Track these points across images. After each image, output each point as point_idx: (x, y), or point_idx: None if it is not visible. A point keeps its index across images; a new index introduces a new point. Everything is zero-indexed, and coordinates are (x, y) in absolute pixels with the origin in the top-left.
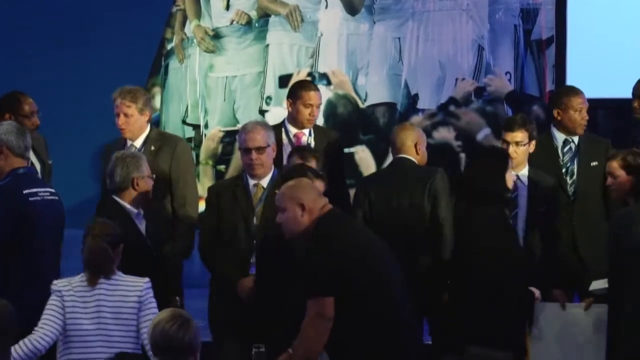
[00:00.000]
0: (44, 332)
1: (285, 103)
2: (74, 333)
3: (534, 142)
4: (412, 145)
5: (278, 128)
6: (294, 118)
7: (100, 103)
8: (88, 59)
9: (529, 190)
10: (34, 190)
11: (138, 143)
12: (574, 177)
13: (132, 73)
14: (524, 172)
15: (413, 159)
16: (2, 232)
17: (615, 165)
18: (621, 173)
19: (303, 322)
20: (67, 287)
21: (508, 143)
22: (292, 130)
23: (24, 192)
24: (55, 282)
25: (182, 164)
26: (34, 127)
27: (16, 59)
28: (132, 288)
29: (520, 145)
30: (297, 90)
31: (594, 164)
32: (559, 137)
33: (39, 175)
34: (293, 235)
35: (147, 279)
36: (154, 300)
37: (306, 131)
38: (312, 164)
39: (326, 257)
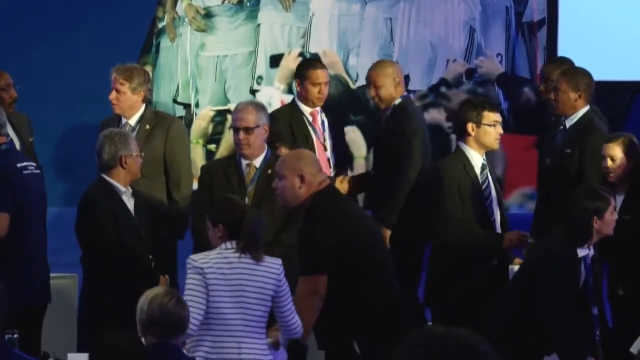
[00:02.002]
0: (191, 315)
1: (276, 83)
2: (214, 312)
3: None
4: None
5: (290, 108)
6: (304, 97)
7: (92, 81)
8: (79, 38)
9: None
10: (24, 164)
11: (132, 121)
12: None
13: (123, 51)
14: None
15: None
16: (4, 204)
17: (617, 148)
18: (622, 157)
19: (295, 299)
20: (208, 264)
21: (494, 125)
22: (306, 109)
23: (17, 165)
24: (193, 257)
25: (177, 144)
26: (12, 100)
27: (6, 39)
28: (272, 268)
29: (498, 126)
30: (304, 70)
31: None
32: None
33: None
34: (287, 204)
35: (280, 261)
36: (286, 283)
37: (318, 108)
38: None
39: (320, 235)
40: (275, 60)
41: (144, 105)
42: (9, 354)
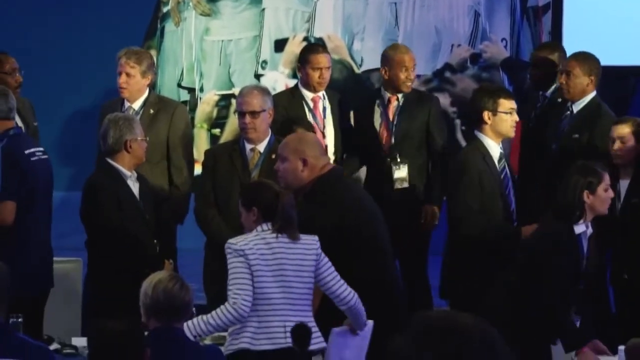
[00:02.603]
0: (242, 297)
1: (280, 67)
2: (258, 292)
3: None
4: None
5: (292, 93)
6: (305, 82)
7: (97, 66)
8: (84, 22)
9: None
10: (32, 150)
11: (136, 105)
12: None
13: (128, 35)
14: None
15: None
16: (11, 191)
17: (626, 129)
18: (631, 138)
19: None
20: (249, 246)
21: (511, 112)
22: (308, 94)
23: (25, 152)
24: (231, 241)
25: (180, 129)
26: (17, 85)
27: (11, 22)
28: (309, 245)
29: (514, 114)
30: (305, 54)
31: None
32: None
33: None
34: (289, 186)
35: (317, 237)
36: (326, 256)
37: (321, 94)
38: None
39: (321, 220)
40: (279, 45)
41: (147, 90)
42: (13, 338)
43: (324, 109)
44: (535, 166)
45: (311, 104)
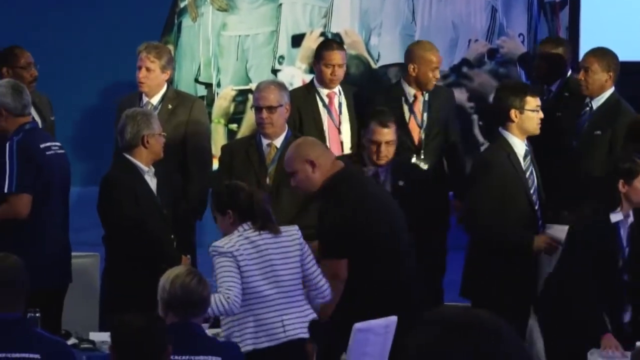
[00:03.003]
0: (235, 294)
1: (297, 62)
2: (251, 291)
3: None
4: None
5: (307, 89)
6: (320, 78)
7: (114, 60)
8: (101, 16)
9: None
10: (48, 144)
11: (155, 100)
12: None
13: (145, 30)
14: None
15: None
16: (26, 185)
17: None
18: None
19: None
20: (235, 247)
21: (537, 110)
22: (324, 91)
23: (41, 146)
24: (216, 244)
25: (198, 124)
26: (32, 79)
27: (26, 17)
28: (292, 236)
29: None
30: (319, 50)
31: None
32: None
33: None
34: (310, 193)
35: (297, 227)
36: (307, 246)
37: (336, 90)
38: (393, 128)
39: (340, 218)
40: (296, 40)
41: (165, 85)
42: (31, 333)
43: (340, 104)
44: (549, 161)
45: (326, 100)
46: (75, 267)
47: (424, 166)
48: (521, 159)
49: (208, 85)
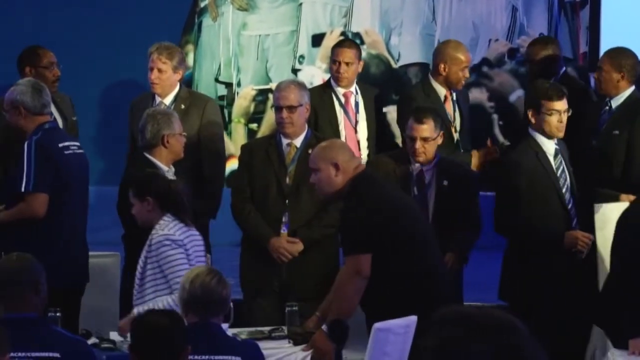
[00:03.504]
0: None
1: (317, 62)
2: None
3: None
4: None
5: (323, 89)
6: (333, 77)
7: (134, 60)
8: (121, 16)
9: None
10: (66, 143)
11: (167, 101)
12: None
13: (166, 30)
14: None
15: None
16: (43, 184)
17: None
18: None
19: (338, 279)
20: (183, 236)
21: (558, 112)
22: (340, 90)
23: (59, 145)
24: (167, 233)
25: (211, 124)
26: (55, 79)
27: (47, 16)
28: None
29: (564, 114)
30: (332, 48)
31: None
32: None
33: None
34: (327, 195)
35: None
36: None
37: (354, 90)
38: (431, 124)
39: (362, 215)
40: (317, 40)
41: (178, 85)
42: (50, 332)
43: (357, 104)
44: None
45: (342, 99)
46: (95, 266)
47: None
48: (551, 158)
49: (228, 85)
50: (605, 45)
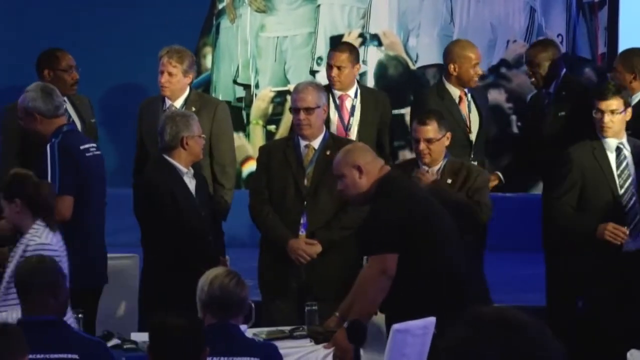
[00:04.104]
0: None
1: None
2: None
3: (629, 110)
4: None
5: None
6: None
7: (152, 62)
8: (139, 18)
9: (633, 156)
10: (87, 145)
11: (178, 104)
12: None
13: (184, 32)
14: (624, 139)
15: None
16: (68, 186)
17: None
18: None
19: (362, 279)
20: (57, 246)
21: (602, 112)
22: (336, 92)
23: (81, 147)
24: (42, 242)
25: (222, 126)
26: (73, 82)
27: (66, 17)
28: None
29: (615, 114)
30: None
31: None
32: None
33: None
34: (354, 200)
35: None
36: None
37: (351, 93)
38: (434, 125)
39: (390, 215)
40: (335, 41)
41: (188, 88)
42: (69, 333)
43: (353, 107)
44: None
45: (338, 102)
46: (114, 268)
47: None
48: (611, 156)
49: (246, 87)
50: (623, 46)
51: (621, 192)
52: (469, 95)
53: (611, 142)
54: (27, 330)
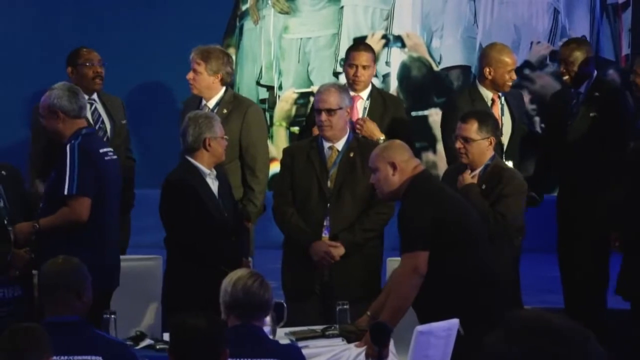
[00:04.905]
0: None
1: None
2: None
3: None
4: None
5: None
6: (347, 80)
7: (175, 64)
8: (163, 19)
9: None
10: (105, 150)
11: (211, 104)
12: None
13: (207, 33)
14: None
15: None
16: (86, 188)
17: None
18: None
19: (394, 277)
20: None
21: None
22: (351, 93)
23: (100, 151)
24: None
25: (253, 129)
26: (95, 75)
27: (91, 18)
28: None
29: None
30: (347, 51)
31: None
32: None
33: (109, 134)
34: (385, 195)
35: None
36: None
37: (364, 94)
38: (474, 125)
39: (421, 212)
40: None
41: (223, 89)
42: (92, 335)
43: (364, 109)
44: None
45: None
46: (137, 269)
47: None
48: None
49: (270, 88)
50: None
51: None
52: (503, 98)
53: None
54: (51, 331)
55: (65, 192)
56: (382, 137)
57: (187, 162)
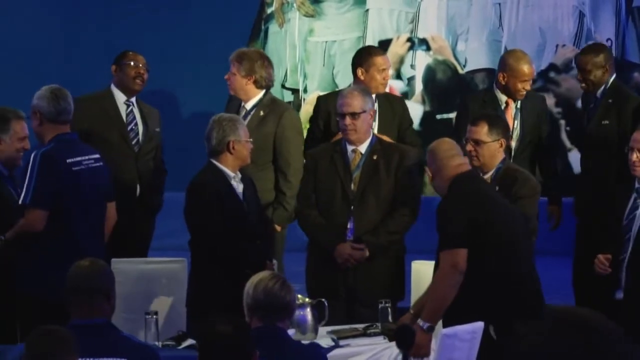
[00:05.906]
0: None
1: None
2: None
3: None
4: None
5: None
6: (367, 84)
7: (200, 67)
8: (188, 24)
9: None
10: (78, 159)
11: (249, 106)
12: None
13: (232, 37)
14: None
15: None
16: (42, 199)
17: None
18: None
19: (435, 275)
20: None
21: None
22: None
23: (68, 161)
24: None
25: (287, 133)
26: (135, 75)
27: (115, 24)
28: None
29: None
30: (367, 57)
31: None
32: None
33: (140, 137)
34: (440, 190)
35: None
36: None
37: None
38: (484, 128)
39: (461, 210)
40: (383, 46)
41: (263, 91)
42: (119, 338)
43: (374, 112)
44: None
45: None
46: (162, 272)
47: None
48: None
49: (295, 91)
50: None
51: None
52: (518, 102)
53: None
54: (77, 333)
55: (20, 202)
56: None
57: (212, 165)
